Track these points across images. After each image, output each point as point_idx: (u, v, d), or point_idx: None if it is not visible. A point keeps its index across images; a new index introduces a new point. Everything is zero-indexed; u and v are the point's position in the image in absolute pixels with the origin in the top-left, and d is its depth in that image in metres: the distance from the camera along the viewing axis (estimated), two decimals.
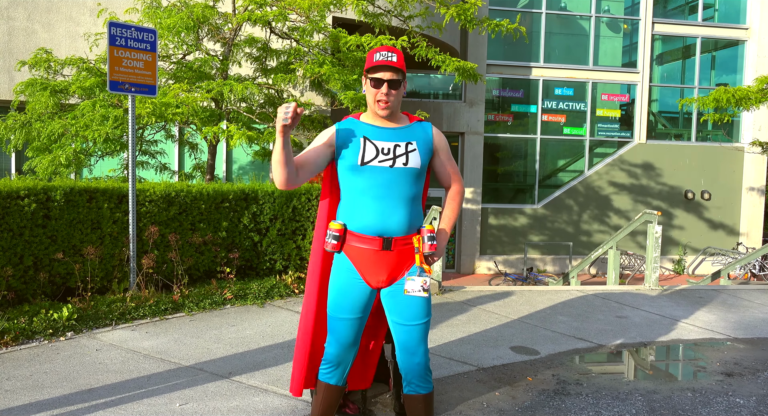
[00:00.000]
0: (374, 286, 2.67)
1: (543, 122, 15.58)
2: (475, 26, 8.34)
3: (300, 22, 8.19)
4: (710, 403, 3.76)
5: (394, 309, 2.68)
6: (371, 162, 2.56)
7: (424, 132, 2.72)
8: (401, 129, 2.67)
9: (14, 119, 7.51)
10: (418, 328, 2.67)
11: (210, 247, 6.37)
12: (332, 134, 2.64)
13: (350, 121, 2.68)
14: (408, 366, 2.70)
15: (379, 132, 2.62)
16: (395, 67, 2.57)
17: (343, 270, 2.66)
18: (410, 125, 2.70)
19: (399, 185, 2.58)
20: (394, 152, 2.58)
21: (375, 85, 2.57)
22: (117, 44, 5.53)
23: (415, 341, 2.67)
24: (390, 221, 2.58)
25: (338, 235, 2.62)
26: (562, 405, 3.65)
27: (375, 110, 2.61)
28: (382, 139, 2.61)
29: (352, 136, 2.60)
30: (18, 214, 5.11)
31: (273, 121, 8.14)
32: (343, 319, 2.66)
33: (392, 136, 2.63)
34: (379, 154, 2.57)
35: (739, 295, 7.04)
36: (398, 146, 2.60)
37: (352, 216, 2.62)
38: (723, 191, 16.09)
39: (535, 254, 15.33)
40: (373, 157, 2.56)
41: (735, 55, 16.46)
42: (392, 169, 2.57)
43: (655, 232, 7.33)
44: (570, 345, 4.93)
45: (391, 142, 2.61)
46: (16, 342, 4.49)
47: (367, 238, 2.59)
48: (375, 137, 2.60)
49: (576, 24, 15.90)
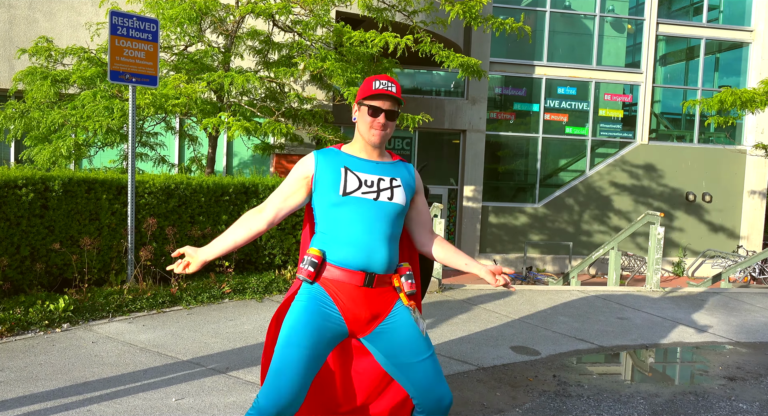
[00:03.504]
0: (351, 327, 2.37)
1: (545, 121, 15.52)
2: (480, 24, 8.27)
3: (303, 16, 8.13)
4: (713, 408, 3.72)
5: (389, 350, 2.39)
6: (354, 193, 2.37)
7: (407, 171, 2.56)
8: (384, 164, 2.50)
9: (13, 107, 7.44)
10: (427, 362, 2.38)
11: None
12: (310, 165, 2.45)
13: (329, 150, 2.51)
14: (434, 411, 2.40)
15: (362, 164, 2.45)
16: (394, 97, 2.44)
17: (315, 298, 2.36)
18: (394, 162, 2.55)
19: (382, 220, 2.39)
20: (378, 185, 2.41)
21: (372, 114, 2.41)
22: (118, 34, 5.47)
23: (431, 377, 2.37)
24: (374, 257, 2.36)
25: (316, 262, 2.36)
26: (563, 407, 3.61)
27: (368, 138, 2.43)
28: (365, 171, 2.44)
29: (331, 165, 2.43)
30: (15, 203, 5.06)
31: (274, 115, 8.08)
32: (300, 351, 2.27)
33: (376, 169, 2.46)
34: (362, 186, 2.39)
35: (740, 298, 7.00)
36: (382, 179, 2.44)
37: (333, 248, 2.37)
38: (724, 194, 16.04)
39: (535, 254, 15.29)
40: (356, 188, 2.38)
41: (739, 57, 16.40)
42: (376, 202, 2.38)
43: (658, 233, 7.28)
44: (571, 345, 4.89)
45: (374, 175, 2.44)
46: (11, 333, 4.44)
47: (349, 272, 2.35)
48: (357, 169, 2.43)
49: (580, 23, 15.83)
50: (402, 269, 2.50)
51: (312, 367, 2.31)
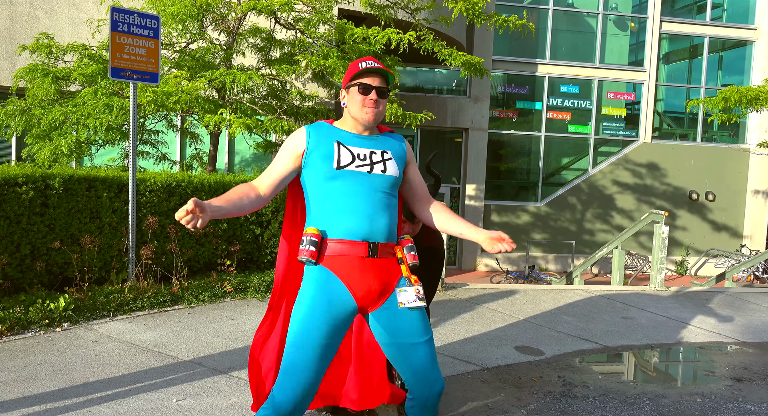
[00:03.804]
0: (362, 302, 2.33)
1: (548, 119, 15.45)
2: (483, 21, 8.22)
3: (305, 13, 8.08)
4: (720, 409, 3.67)
5: (392, 328, 2.36)
6: (348, 167, 2.36)
7: (398, 143, 2.55)
8: (375, 138, 2.50)
9: (14, 105, 7.40)
10: (426, 345, 2.37)
11: (210, 239, 6.28)
12: (302, 141, 2.41)
13: (320, 124, 2.48)
14: (426, 396, 2.38)
15: (353, 138, 2.44)
16: (384, 71, 2.42)
17: (322, 282, 2.31)
18: (383, 135, 2.54)
19: (378, 191, 2.37)
20: (371, 159, 2.40)
21: (363, 91, 2.38)
22: (119, 30, 5.42)
23: (428, 362, 2.37)
24: (375, 224, 2.34)
25: (316, 241, 2.31)
26: (569, 409, 3.56)
27: (361, 117, 2.40)
28: (357, 145, 2.42)
29: (324, 140, 2.40)
30: (15, 201, 5.02)
31: (276, 112, 8.04)
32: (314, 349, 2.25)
33: (367, 143, 2.45)
34: (356, 159, 2.38)
35: (745, 298, 6.95)
36: (374, 153, 2.43)
37: (331, 221, 2.33)
38: (727, 193, 15.98)
39: (538, 253, 15.24)
40: (350, 162, 2.36)
41: (743, 55, 16.32)
42: (370, 175, 2.37)
43: (662, 232, 7.23)
44: (575, 345, 4.84)
45: (366, 149, 2.43)
46: (11, 332, 4.40)
47: (352, 243, 2.31)
48: (349, 143, 2.42)
49: (583, 21, 15.75)
50: (404, 242, 2.49)
51: (326, 358, 2.30)
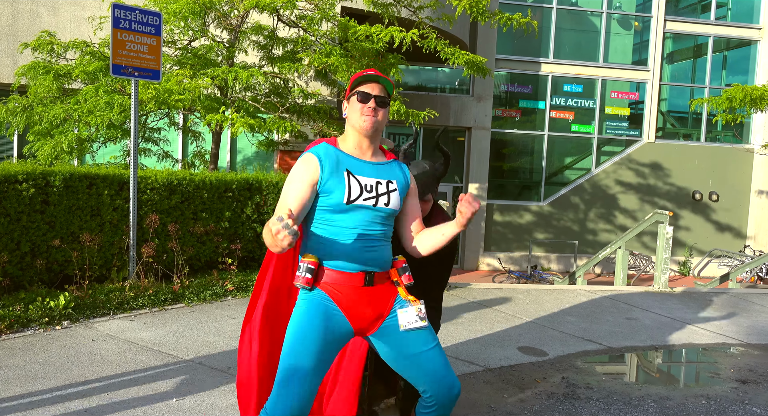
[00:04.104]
0: (358, 326, 2.34)
1: (551, 118, 15.40)
2: (487, 19, 8.17)
3: (308, 11, 8.04)
4: (726, 412, 3.63)
5: (396, 344, 2.36)
6: (356, 201, 2.32)
7: (402, 172, 2.52)
8: (381, 165, 2.46)
9: (16, 102, 7.38)
10: (435, 350, 2.35)
11: (212, 237, 6.25)
12: (315, 170, 2.35)
13: (327, 148, 2.42)
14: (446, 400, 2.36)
15: (361, 166, 2.40)
16: (382, 81, 2.39)
17: (317, 301, 2.31)
18: (389, 163, 2.50)
19: (378, 222, 2.37)
20: (377, 190, 2.37)
21: (362, 99, 2.35)
22: (121, 27, 5.39)
23: (441, 365, 2.34)
24: (371, 257, 2.34)
25: (313, 268, 2.30)
26: (573, 410, 3.52)
27: (359, 126, 2.36)
28: (364, 174, 2.38)
29: (335, 169, 2.35)
30: (16, 199, 4.99)
31: (278, 110, 8.00)
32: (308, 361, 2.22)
33: (373, 172, 2.41)
34: (363, 192, 2.34)
35: (750, 299, 6.90)
36: (380, 183, 2.39)
37: (329, 253, 2.33)
38: (731, 193, 15.91)
39: (540, 252, 15.19)
40: (358, 195, 2.33)
41: (747, 55, 16.24)
42: (374, 208, 2.35)
43: (666, 233, 7.18)
44: (579, 346, 4.80)
45: (372, 178, 2.39)
46: (10, 330, 4.37)
47: (349, 275, 2.32)
48: (357, 172, 2.38)
49: (587, 20, 15.69)
50: (397, 263, 2.47)
51: (320, 373, 2.27)
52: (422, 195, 2.91)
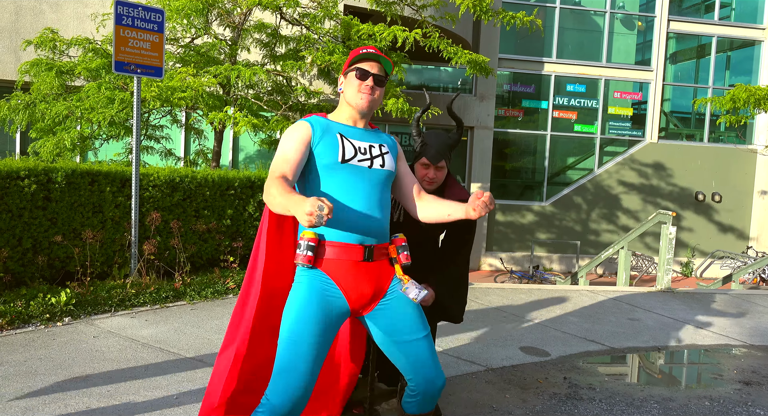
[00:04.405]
0: (354, 305, 2.32)
1: (554, 118, 15.36)
2: (491, 18, 8.15)
3: (311, 9, 8.02)
4: (729, 413, 3.61)
5: (389, 327, 2.35)
6: (351, 160, 2.32)
7: (390, 138, 2.55)
8: (370, 132, 2.49)
9: (18, 99, 7.38)
10: (425, 340, 2.36)
11: (214, 235, 6.23)
12: (307, 130, 2.34)
13: (318, 118, 2.43)
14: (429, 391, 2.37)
15: (352, 131, 2.41)
16: (384, 60, 2.38)
17: (316, 282, 2.28)
18: (376, 130, 2.53)
19: (376, 187, 2.35)
20: (371, 152, 2.38)
21: (360, 76, 2.35)
22: (123, 23, 5.38)
23: (429, 357, 2.36)
24: (371, 226, 2.31)
25: (314, 245, 2.26)
26: (575, 411, 3.51)
27: (356, 103, 2.36)
28: (357, 138, 2.39)
29: (327, 132, 2.35)
30: (18, 195, 4.98)
31: (281, 108, 7.99)
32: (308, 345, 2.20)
33: (364, 136, 2.43)
34: (357, 153, 2.34)
35: (753, 300, 6.87)
36: (372, 146, 2.40)
37: (330, 222, 2.28)
38: (734, 194, 15.86)
39: (542, 252, 15.16)
40: (353, 155, 2.33)
41: (750, 55, 16.19)
42: (370, 170, 2.35)
43: (669, 233, 7.16)
44: (581, 347, 4.78)
45: (365, 142, 2.40)
46: (11, 326, 4.37)
47: (348, 247, 2.29)
48: (350, 136, 2.38)
49: (590, 20, 15.65)
50: (397, 240, 2.46)
51: (320, 356, 2.25)
52: (436, 160, 2.89)
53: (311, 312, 2.25)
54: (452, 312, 3.06)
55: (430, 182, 2.94)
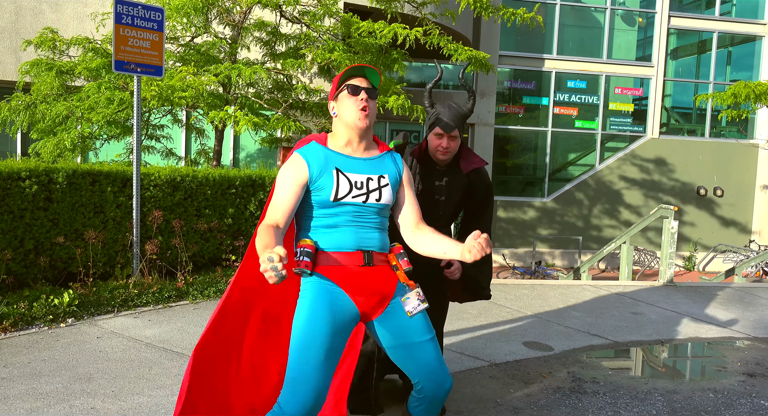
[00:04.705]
0: (363, 308, 2.32)
1: (554, 114, 15.35)
2: (491, 14, 8.14)
3: (311, 6, 8.02)
4: (733, 404, 3.61)
5: (397, 331, 2.35)
6: (345, 198, 2.32)
7: (395, 165, 2.49)
8: (373, 160, 2.43)
9: (19, 100, 7.38)
10: (431, 343, 2.37)
11: (215, 234, 6.23)
12: (304, 172, 2.33)
13: (316, 148, 2.39)
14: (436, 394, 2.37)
15: (351, 163, 2.37)
16: (369, 70, 2.37)
17: (322, 288, 2.28)
18: (381, 156, 2.47)
19: (369, 218, 2.37)
20: (367, 187, 2.35)
21: (353, 92, 2.33)
22: (123, 22, 5.37)
23: (435, 359, 2.35)
24: (366, 238, 2.34)
25: (310, 251, 2.27)
26: (579, 404, 3.50)
27: (354, 122, 2.34)
28: (355, 171, 2.36)
29: (324, 168, 2.33)
30: (19, 196, 4.98)
31: (281, 106, 7.98)
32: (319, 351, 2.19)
33: (364, 167, 2.39)
34: (353, 189, 2.33)
35: (756, 293, 6.86)
36: (371, 179, 2.37)
37: (324, 237, 2.32)
38: (736, 188, 15.85)
39: (544, 248, 15.16)
40: (347, 193, 2.32)
41: (752, 51, 16.16)
42: (364, 205, 2.34)
43: (671, 228, 7.15)
44: (584, 341, 4.78)
45: (363, 175, 2.37)
46: (15, 328, 4.37)
47: (347, 254, 2.30)
48: (347, 169, 2.35)
49: (590, 16, 15.63)
50: (395, 249, 2.46)
51: (332, 362, 2.24)
52: (449, 130, 2.89)
53: (319, 317, 2.24)
54: (482, 286, 3.10)
55: (444, 151, 2.93)
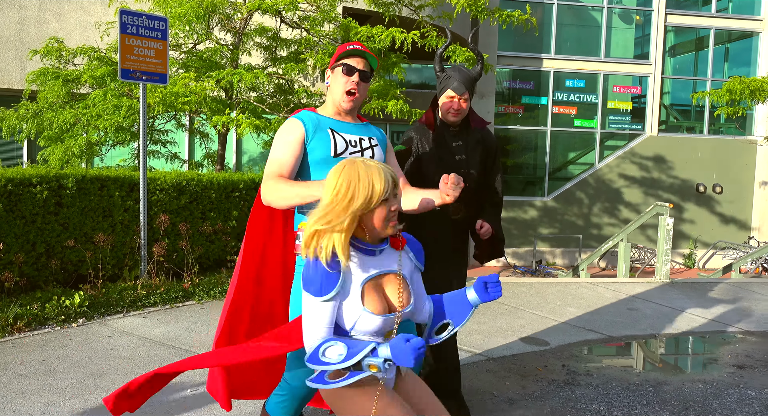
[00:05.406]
0: None
1: (553, 114, 15.48)
2: (486, 17, 8.28)
3: (310, 12, 8.17)
4: (721, 395, 3.75)
5: None
6: (343, 154, 2.43)
7: (379, 132, 2.65)
8: (360, 125, 2.58)
9: (26, 108, 7.54)
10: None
11: (220, 236, 6.39)
12: (300, 130, 2.43)
13: (308, 113, 2.52)
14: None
15: (342, 125, 2.52)
16: (368, 55, 2.48)
17: None
18: (365, 123, 2.63)
19: None
20: (361, 145, 2.50)
21: (347, 72, 2.44)
22: (128, 32, 5.53)
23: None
24: None
25: None
26: (572, 395, 3.65)
27: (339, 102, 2.47)
28: (347, 132, 2.50)
29: (319, 128, 2.46)
30: (30, 201, 5.14)
31: (282, 110, 8.14)
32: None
33: (355, 130, 2.54)
34: (348, 146, 2.46)
35: (750, 288, 6.99)
36: (362, 139, 2.52)
37: None
38: (735, 185, 15.95)
39: (545, 247, 15.29)
40: (344, 149, 2.44)
41: (749, 47, 16.27)
42: None
43: (667, 224, 7.28)
44: (580, 336, 4.92)
45: (355, 135, 2.52)
46: (28, 328, 4.53)
47: None
48: (340, 130, 2.49)
49: (588, 15, 15.76)
50: None
51: None
52: (460, 91, 3.00)
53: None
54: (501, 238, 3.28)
55: (456, 113, 3.05)
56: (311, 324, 1.91)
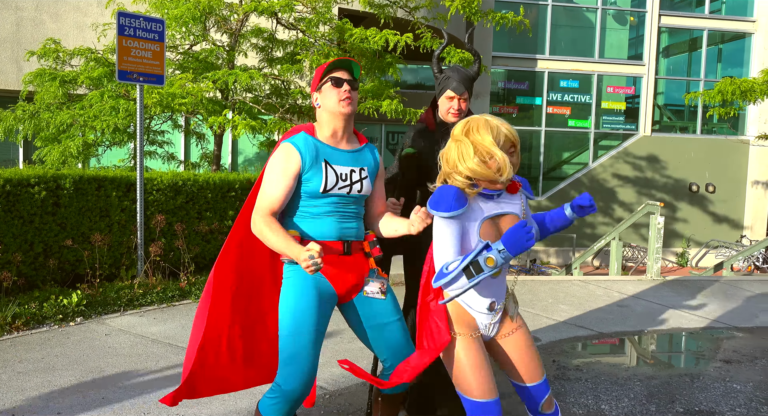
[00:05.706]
0: (340, 292, 2.56)
1: (548, 114, 15.58)
2: (480, 18, 8.37)
3: (306, 13, 8.24)
4: (707, 388, 3.83)
5: (371, 311, 2.60)
6: (332, 190, 2.53)
7: (373, 157, 2.72)
8: (355, 152, 2.65)
9: (23, 109, 7.59)
10: (398, 323, 2.61)
11: (216, 236, 6.45)
12: (297, 163, 2.52)
13: (306, 139, 2.57)
14: None
15: (338, 155, 2.58)
16: (351, 62, 2.57)
17: (308, 277, 2.50)
18: (361, 148, 2.69)
19: (351, 206, 2.60)
20: (350, 178, 2.58)
21: (336, 84, 2.52)
22: (126, 34, 5.60)
23: (402, 338, 2.60)
24: (347, 228, 2.58)
25: (297, 241, 2.43)
26: (562, 390, 3.73)
27: (337, 111, 2.53)
28: (340, 163, 2.57)
29: (314, 160, 2.53)
30: (28, 201, 5.20)
31: (278, 111, 8.21)
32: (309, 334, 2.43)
33: (348, 160, 2.61)
34: (338, 181, 2.55)
35: (739, 286, 7.09)
36: (353, 171, 2.60)
37: (309, 225, 2.54)
38: (728, 184, 16.08)
39: (539, 246, 15.38)
40: (334, 185, 2.54)
41: (742, 48, 16.40)
42: (347, 196, 2.57)
43: (658, 223, 7.37)
44: (571, 332, 5.00)
45: (347, 167, 2.59)
46: (27, 327, 4.59)
47: (329, 243, 2.53)
48: (334, 161, 2.57)
49: (582, 16, 15.87)
50: (368, 237, 2.70)
51: (320, 341, 2.49)
52: (460, 91, 3.04)
53: (308, 304, 2.47)
54: None
55: (456, 113, 3.07)
56: (440, 245, 2.19)
